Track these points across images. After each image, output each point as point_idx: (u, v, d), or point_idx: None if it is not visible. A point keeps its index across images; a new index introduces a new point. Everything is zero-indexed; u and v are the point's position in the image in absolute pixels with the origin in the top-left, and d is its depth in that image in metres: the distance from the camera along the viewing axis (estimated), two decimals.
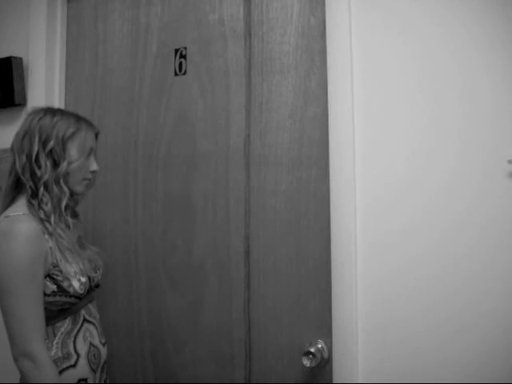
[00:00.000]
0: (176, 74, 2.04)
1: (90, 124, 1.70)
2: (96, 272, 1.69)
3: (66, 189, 1.62)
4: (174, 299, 2.00)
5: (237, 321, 1.89)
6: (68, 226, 1.64)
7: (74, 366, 1.56)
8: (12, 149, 1.65)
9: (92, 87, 2.18)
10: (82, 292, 1.58)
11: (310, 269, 1.77)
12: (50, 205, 1.59)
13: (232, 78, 1.93)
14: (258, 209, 1.88)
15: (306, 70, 1.81)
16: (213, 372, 1.91)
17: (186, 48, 2.01)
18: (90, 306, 1.68)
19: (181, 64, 2.03)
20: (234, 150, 1.92)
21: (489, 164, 1.50)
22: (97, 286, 1.71)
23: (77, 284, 1.57)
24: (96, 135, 1.74)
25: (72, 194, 1.66)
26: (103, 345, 1.68)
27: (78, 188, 1.68)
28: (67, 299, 1.56)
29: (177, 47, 2.04)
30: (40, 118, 1.63)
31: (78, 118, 1.68)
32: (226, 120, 1.94)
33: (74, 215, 1.74)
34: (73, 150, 1.63)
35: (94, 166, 1.70)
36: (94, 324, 1.67)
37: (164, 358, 2.01)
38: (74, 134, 1.63)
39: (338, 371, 1.63)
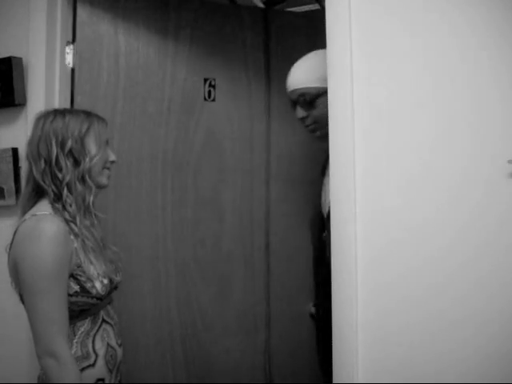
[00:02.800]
0: (205, 99, 2.35)
1: (98, 116, 1.67)
2: (117, 274, 1.68)
3: (91, 184, 1.59)
4: (204, 287, 2.33)
5: (259, 298, 2.39)
6: (93, 224, 1.62)
7: (92, 365, 1.54)
8: (27, 157, 1.61)
9: (112, 94, 2.23)
10: (103, 293, 1.56)
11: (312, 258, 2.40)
12: (74, 205, 1.55)
13: (255, 112, 2.41)
14: (276, 213, 2.42)
15: None
16: (239, 340, 2.35)
17: (214, 79, 2.35)
18: (109, 307, 1.67)
19: (210, 92, 2.35)
20: (256, 167, 2.40)
21: (489, 164, 1.43)
22: (115, 287, 1.70)
23: (99, 285, 1.55)
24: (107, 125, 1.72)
25: (98, 187, 1.65)
26: (119, 346, 1.66)
27: (103, 180, 1.65)
28: (89, 300, 1.54)
29: (206, 77, 2.35)
30: (51, 121, 1.58)
31: (87, 113, 1.65)
32: (249, 143, 2.40)
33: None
34: (91, 145, 1.60)
35: (112, 157, 1.68)
36: (111, 325, 1.65)
37: (194, 337, 2.31)
38: (88, 129, 1.59)
39: (338, 371, 1.60)
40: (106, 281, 1.58)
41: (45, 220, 1.50)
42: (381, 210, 1.57)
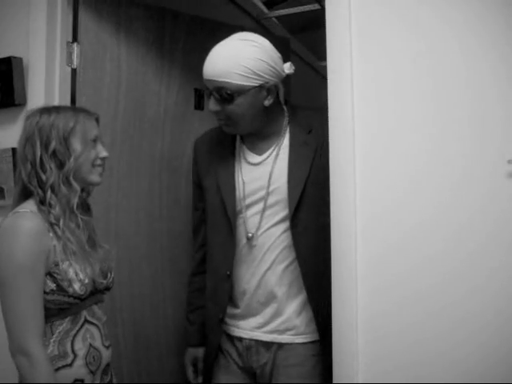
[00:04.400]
0: (196, 108, 2.44)
1: (87, 112, 1.62)
2: (106, 276, 1.62)
3: (76, 186, 1.54)
4: None
5: None
6: (78, 226, 1.57)
7: (69, 365, 1.49)
8: (17, 158, 1.62)
9: (114, 96, 2.25)
10: (82, 293, 1.50)
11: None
12: (58, 208, 1.51)
13: None
14: None
15: None
16: None
17: (203, 90, 2.36)
18: (95, 307, 1.61)
19: (200, 101, 2.44)
20: None
21: (488, 164, 1.41)
22: (107, 288, 1.65)
23: (77, 285, 1.49)
24: (96, 120, 1.64)
25: (91, 185, 1.65)
26: (106, 347, 1.60)
27: (94, 177, 1.60)
28: (66, 299, 1.49)
29: (196, 87, 2.42)
30: (37, 122, 1.54)
31: (75, 110, 1.61)
32: None
33: (87, 208, 1.70)
34: (76, 144, 1.54)
35: (103, 153, 1.61)
36: (96, 326, 1.58)
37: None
38: (73, 128, 1.54)
39: (338, 371, 1.57)
40: (86, 280, 1.52)
41: (22, 217, 1.49)
42: (380, 212, 1.54)
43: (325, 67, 1.65)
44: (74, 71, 2.17)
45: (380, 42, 1.56)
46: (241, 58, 1.65)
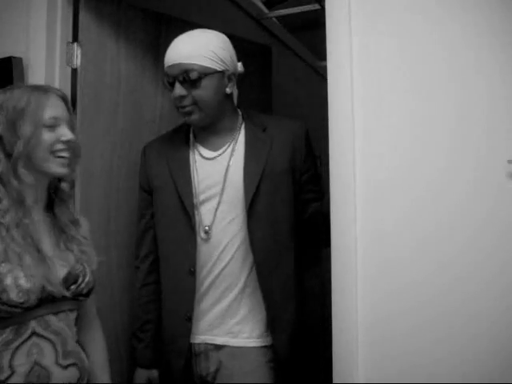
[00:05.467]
0: None
1: (45, 90, 1.41)
2: (76, 281, 1.40)
3: (27, 176, 1.35)
4: None
5: None
6: (32, 221, 1.37)
7: (2, 382, 1.27)
8: None
9: (114, 97, 2.23)
10: (21, 301, 1.27)
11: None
12: (6, 201, 1.32)
13: None
14: None
15: None
16: None
17: None
18: (53, 318, 1.35)
19: None
20: None
21: (489, 164, 1.42)
22: (80, 295, 1.42)
23: (14, 292, 1.26)
24: (63, 100, 1.43)
25: (54, 176, 1.43)
26: (64, 367, 1.33)
27: (52, 167, 1.38)
28: (0, 306, 1.27)
29: None
30: None
31: (34, 89, 1.41)
32: None
33: (62, 199, 1.49)
34: (26, 127, 1.33)
35: (67, 135, 1.37)
36: (49, 340, 1.32)
37: None
38: (23, 109, 1.34)
39: (338, 371, 1.56)
40: (27, 285, 1.28)
41: None
42: (381, 212, 1.54)
43: (325, 67, 1.67)
44: (74, 71, 2.15)
45: (380, 41, 1.57)
46: (207, 43, 1.74)
